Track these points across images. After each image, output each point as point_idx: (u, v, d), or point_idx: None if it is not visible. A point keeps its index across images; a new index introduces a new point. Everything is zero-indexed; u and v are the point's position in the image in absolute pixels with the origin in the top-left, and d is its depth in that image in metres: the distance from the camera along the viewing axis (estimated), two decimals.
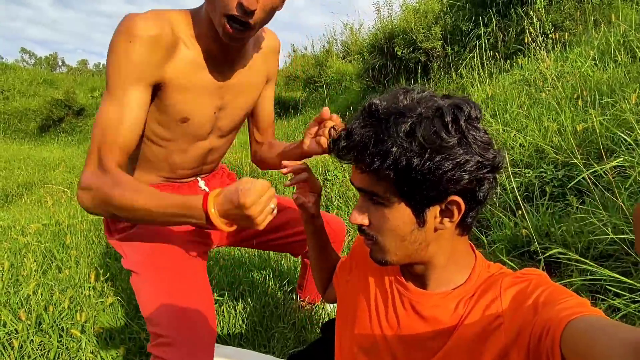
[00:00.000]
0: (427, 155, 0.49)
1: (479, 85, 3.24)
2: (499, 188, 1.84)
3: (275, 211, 0.73)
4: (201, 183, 1.09)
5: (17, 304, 1.59)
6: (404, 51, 4.41)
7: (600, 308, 1.12)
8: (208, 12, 0.80)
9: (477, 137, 0.51)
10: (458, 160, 0.49)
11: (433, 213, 0.54)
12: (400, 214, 0.54)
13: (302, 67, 7.93)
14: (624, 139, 1.57)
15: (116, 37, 0.76)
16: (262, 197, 0.68)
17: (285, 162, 0.83)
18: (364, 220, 0.59)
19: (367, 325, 0.66)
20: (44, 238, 2.37)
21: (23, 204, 4.39)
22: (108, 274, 1.84)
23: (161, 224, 0.89)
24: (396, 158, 0.50)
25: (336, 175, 3.08)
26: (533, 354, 0.45)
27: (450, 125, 0.50)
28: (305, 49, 9.09)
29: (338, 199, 2.75)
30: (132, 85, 0.77)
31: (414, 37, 4.29)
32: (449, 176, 0.49)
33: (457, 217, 0.53)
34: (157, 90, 0.84)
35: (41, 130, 10.93)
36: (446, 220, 0.54)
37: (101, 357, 1.39)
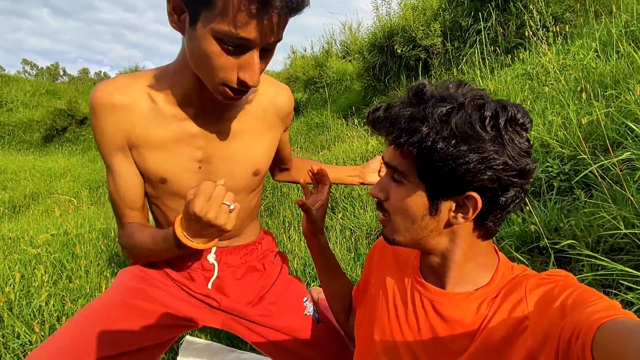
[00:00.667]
0: (453, 142, 0.49)
1: (480, 80, 3.23)
2: None
3: (233, 206, 0.68)
4: (210, 256, 0.92)
5: (29, 315, 1.61)
6: (403, 49, 4.40)
7: None
8: (194, 71, 0.72)
9: (516, 142, 0.50)
10: (485, 155, 0.48)
11: (448, 206, 0.54)
12: (416, 196, 0.55)
13: (302, 68, 7.90)
14: (630, 131, 1.56)
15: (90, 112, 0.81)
16: (210, 200, 0.66)
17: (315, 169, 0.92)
18: (380, 194, 0.60)
19: (387, 328, 0.65)
20: (53, 248, 2.39)
21: (31, 215, 4.43)
22: None
23: (166, 258, 0.87)
24: (422, 137, 0.50)
25: None
26: (562, 357, 0.44)
27: (487, 120, 0.49)
28: (305, 50, 9.08)
29: (344, 200, 2.75)
30: (111, 153, 0.80)
31: (414, 35, 4.28)
32: (470, 168, 0.49)
33: (471, 214, 0.52)
34: (132, 151, 0.81)
35: (45, 140, 11.04)
36: (460, 215, 0.53)
37: None
